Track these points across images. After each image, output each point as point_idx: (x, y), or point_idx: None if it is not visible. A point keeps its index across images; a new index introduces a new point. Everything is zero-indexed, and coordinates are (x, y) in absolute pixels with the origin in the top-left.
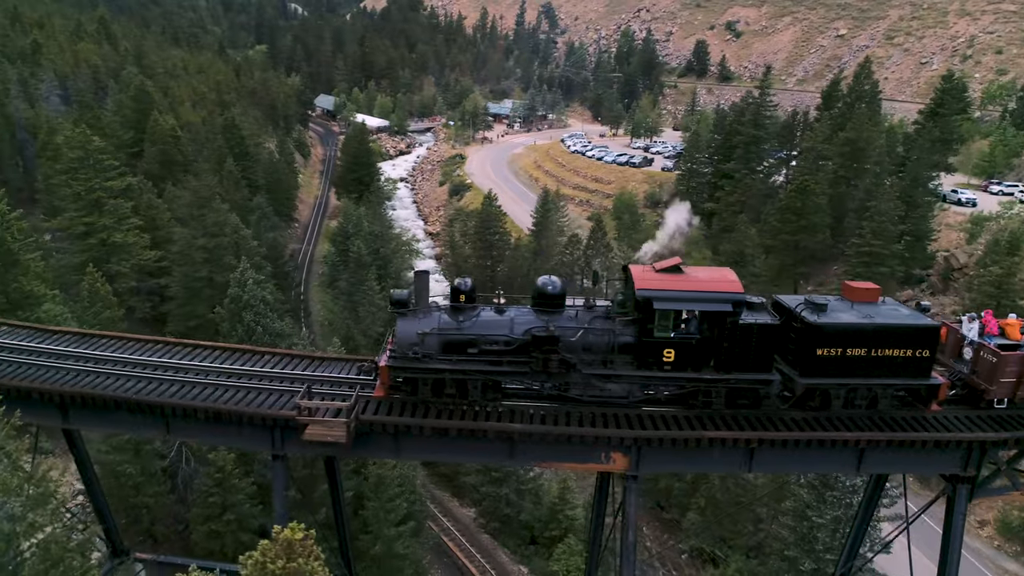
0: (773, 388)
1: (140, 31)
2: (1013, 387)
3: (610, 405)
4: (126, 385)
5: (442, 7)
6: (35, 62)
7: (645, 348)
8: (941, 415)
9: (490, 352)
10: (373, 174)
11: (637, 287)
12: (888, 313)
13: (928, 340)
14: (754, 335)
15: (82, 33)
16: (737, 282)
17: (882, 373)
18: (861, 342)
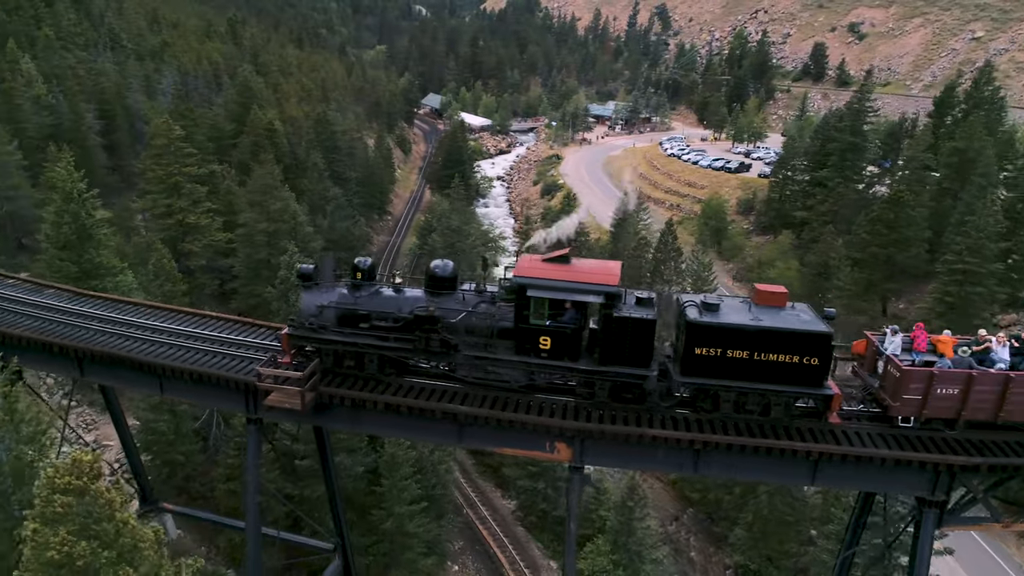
0: (650, 383)
1: (267, 31)
2: (918, 405)
3: (502, 389)
4: (129, 345)
5: (557, 9)
6: (161, 59)
7: (522, 334)
8: (913, 433)
9: (380, 328)
10: (466, 171)
11: (514, 274)
12: (781, 317)
13: (818, 348)
14: (629, 329)
15: (211, 33)
16: (616, 275)
17: (770, 379)
18: (743, 344)
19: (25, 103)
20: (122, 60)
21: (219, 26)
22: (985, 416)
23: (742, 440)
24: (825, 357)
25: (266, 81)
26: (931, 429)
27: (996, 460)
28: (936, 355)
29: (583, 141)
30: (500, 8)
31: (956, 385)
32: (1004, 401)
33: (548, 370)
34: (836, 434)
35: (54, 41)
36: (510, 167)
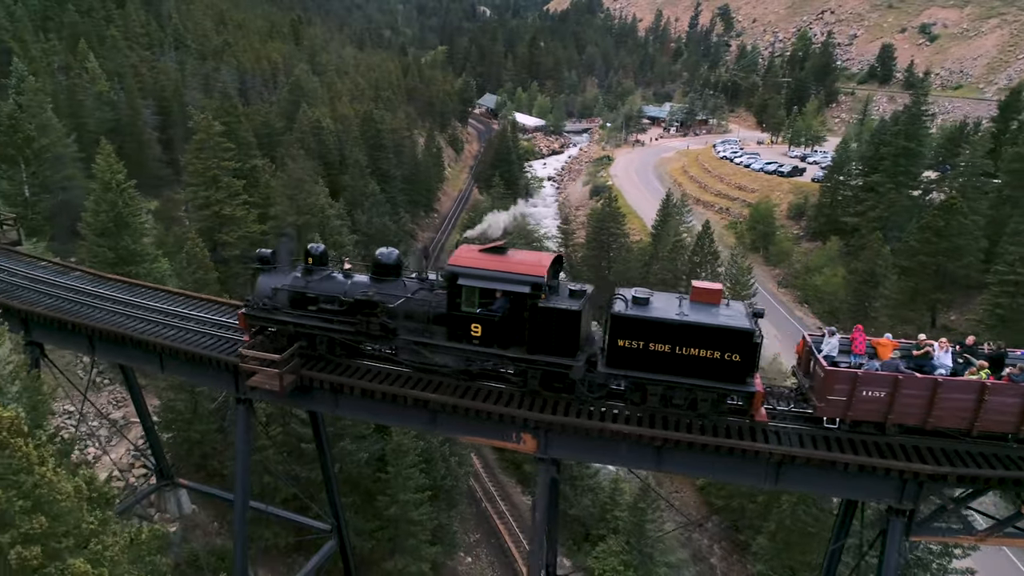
0: (575, 373)
1: (329, 32)
2: (843, 407)
3: (443, 375)
4: (134, 325)
5: (619, 10)
6: (221, 58)
7: (454, 321)
8: (883, 440)
9: (327, 311)
10: (514, 171)
11: (448, 263)
12: (706, 313)
13: (739, 345)
14: (553, 319)
15: (274, 33)
16: (544, 267)
17: (693, 373)
18: (664, 338)
19: (88, 99)
20: (184, 59)
21: (283, 27)
22: (915, 421)
23: (703, 439)
24: (747, 354)
25: (321, 80)
26: (861, 432)
27: (965, 471)
28: (876, 358)
29: (636, 143)
30: (563, 9)
31: (882, 388)
32: (933, 406)
33: (480, 357)
34: (803, 437)
35: (119, 41)
36: (561, 168)
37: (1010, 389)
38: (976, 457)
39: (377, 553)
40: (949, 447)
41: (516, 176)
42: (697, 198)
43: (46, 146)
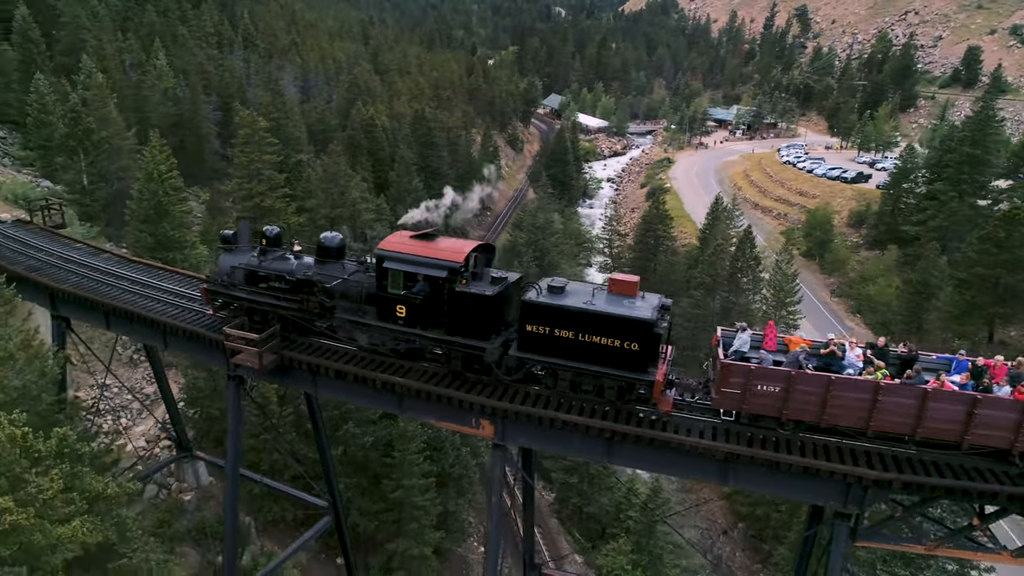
0: (490, 355)
1: (398, 32)
2: (738, 399)
3: (376, 354)
4: (143, 303)
5: (694, 10)
6: (286, 57)
7: (382, 302)
8: (834, 443)
9: (276, 289)
10: (569, 171)
11: (377, 247)
12: (612, 303)
13: (638, 334)
14: (468, 303)
15: (343, 33)
16: (463, 253)
17: (596, 360)
18: (567, 324)
19: (155, 95)
20: (251, 58)
21: (352, 27)
22: (810, 418)
23: (649, 433)
24: (647, 343)
25: (383, 79)
26: (761, 427)
27: (911, 478)
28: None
29: (699, 145)
30: (637, 9)
31: (777, 383)
32: (827, 404)
33: (404, 336)
34: (752, 436)
35: (188, 40)
36: (622, 169)
37: (904, 390)
38: (928, 465)
39: (382, 534)
40: (902, 453)
41: (571, 177)
42: (756, 203)
43: (104, 138)
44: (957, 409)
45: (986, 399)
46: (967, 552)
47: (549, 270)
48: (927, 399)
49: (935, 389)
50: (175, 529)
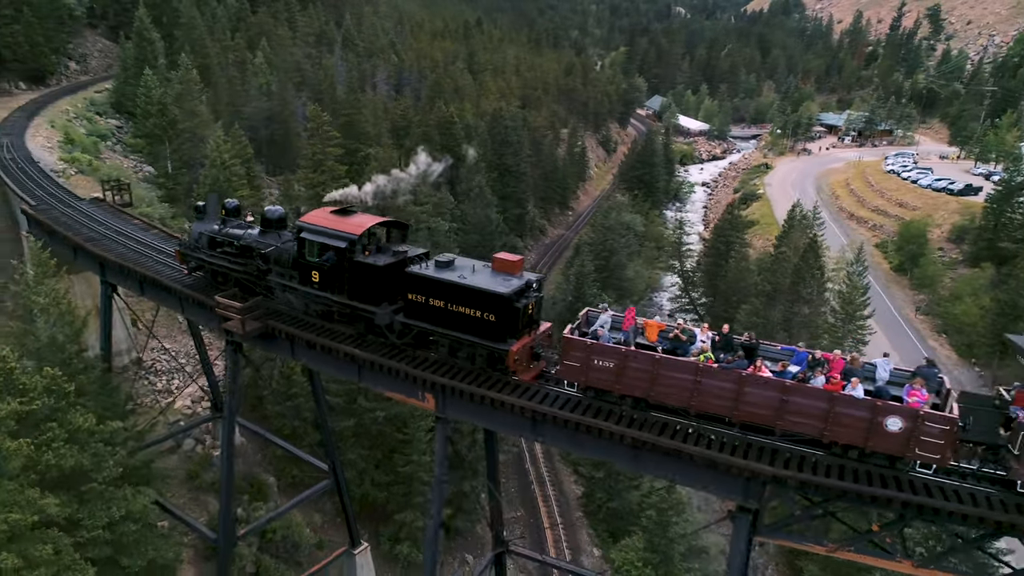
0: (379, 319)
1: (502, 32)
2: (578, 372)
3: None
4: (167, 272)
5: (819, 10)
6: (383, 57)
7: (302, 268)
8: (743, 438)
9: (228, 253)
10: (657, 174)
11: (299, 220)
12: (480, 277)
13: (495, 306)
14: (361, 272)
15: (446, 33)
16: (362, 226)
17: (463, 329)
18: (439, 295)
19: (251, 89)
20: (348, 56)
21: (457, 28)
22: (639, 394)
23: (565, 415)
24: (503, 315)
25: (476, 79)
26: (605, 400)
27: (806, 477)
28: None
29: (803, 151)
30: (760, 9)
31: (612, 359)
32: (655, 382)
33: (318, 299)
34: (665, 425)
35: (286, 39)
36: (718, 174)
37: (722, 374)
38: (834, 468)
39: (391, 505)
40: (811, 454)
41: (657, 179)
42: (851, 213)
43: (187, 128)
44: (770, 395)
45: (794, 386)
46: (868, 557)
47: (616, 270)
48: (743, 383)
49: (749, 374)
50: (202, 479)
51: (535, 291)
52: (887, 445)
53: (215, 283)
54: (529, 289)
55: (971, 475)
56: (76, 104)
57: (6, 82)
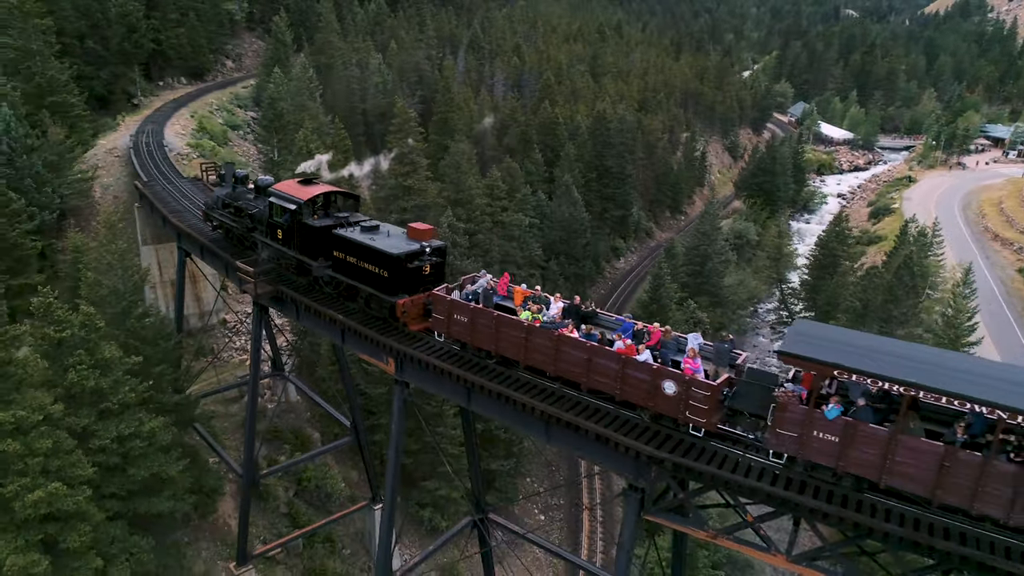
0: (315, 271)
1: (648, 35)
2: (443, 325)
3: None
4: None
5: (1006, 13)
6: (506, 59)
7: (270, 226)
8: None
9: (231, 214)
10: (777, 183)
11: (272, 187)
12: (385, 241)
13: (387, 264)
14: (305, 231)
15: (579, 36)
16: (309, 193)
17: (368, 282)
18: (353, 253)
19: (369, 88)
20: (470, 58)
21: (590, 31)
22: (487, 347)
23: (490, 384)
24: (395, 273)
25: (599, 81)
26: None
27: (680, 460)
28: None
29: (956, 165)
30: (936, 11)
31: (466, 315)
32: (498, 336)
33: (279, 254)
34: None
35: (407, 42)
36: (857, 186)
37: (542, 332)
38: (718, 456)
39: (418, 472)
40: (705, 444)
41: (779, 188)
42: (996, 233)
43: (292, 121)
44: (579, 355)
45: (595, 348)
46: (744, 547)
47: (711, 277)
48: (558, 342)
49: (561, 334)
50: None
51: (431, 256)
52: (667, 407)
53: (227, 239)
54: (424, 254)
55: (739, 442)
56: (222, 98)
57: (170, 77)
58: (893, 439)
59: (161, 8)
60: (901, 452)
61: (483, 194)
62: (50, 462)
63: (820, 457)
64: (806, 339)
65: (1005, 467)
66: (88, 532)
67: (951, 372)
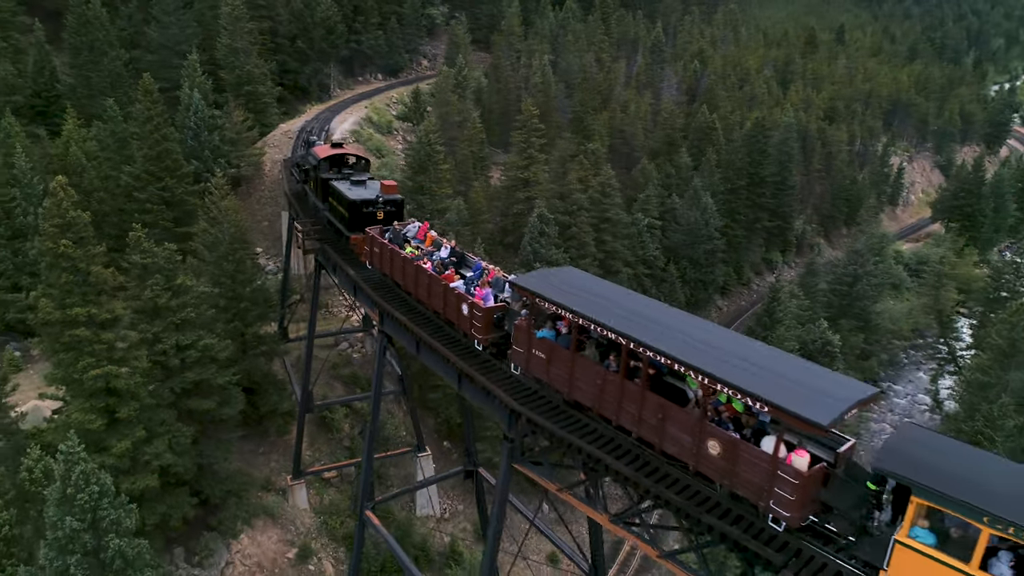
0: (320, 214)
1: (869, 40)
2: (367, 255)
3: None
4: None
5: None
6: (685, 63)
7: (312, 181)
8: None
9: (298, 171)
10: (984, 206)
11: (312, 148)
12: (355, 190)
13: (349, 208)
14: (318, 182)
15: (782, 41)
16: (326, 151)
17: (340, 221)
18: (333, 197)
19: (526, 87)
20: (642, 62)
21: (807, 35)
22: (387, 272)
23: (427, 339)
24: (353, 214)
25: (790, 87)
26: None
27: (531, 415)
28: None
29: None
30: None
31: (379, 248)
32: (392, 266)
33: (314, 204)
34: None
35: (571, 44)
36: None
37: (411, 263)
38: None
39: (444, 435)
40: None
41: (985, 212)
42: None
43: (441, 114)
44: (426, 281)
45: (432, 277)
46: (579, 503)
47: (859, 299)
48: (416, 271)
49: (418, 264)
50: (340, 370)
51: (384, 205)
52: (465, 327)
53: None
54: (377, 202)
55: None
56: (404, 93)
57: (368, 74)
58: (574, 359)
59: (364, 13)
60: (578, 370)
61: (579, 189)
62: (114, 352)
63: (537, 371)
64: (540, 278)
65: (631, 386)
66: (136, 408)
67: (624, 311)
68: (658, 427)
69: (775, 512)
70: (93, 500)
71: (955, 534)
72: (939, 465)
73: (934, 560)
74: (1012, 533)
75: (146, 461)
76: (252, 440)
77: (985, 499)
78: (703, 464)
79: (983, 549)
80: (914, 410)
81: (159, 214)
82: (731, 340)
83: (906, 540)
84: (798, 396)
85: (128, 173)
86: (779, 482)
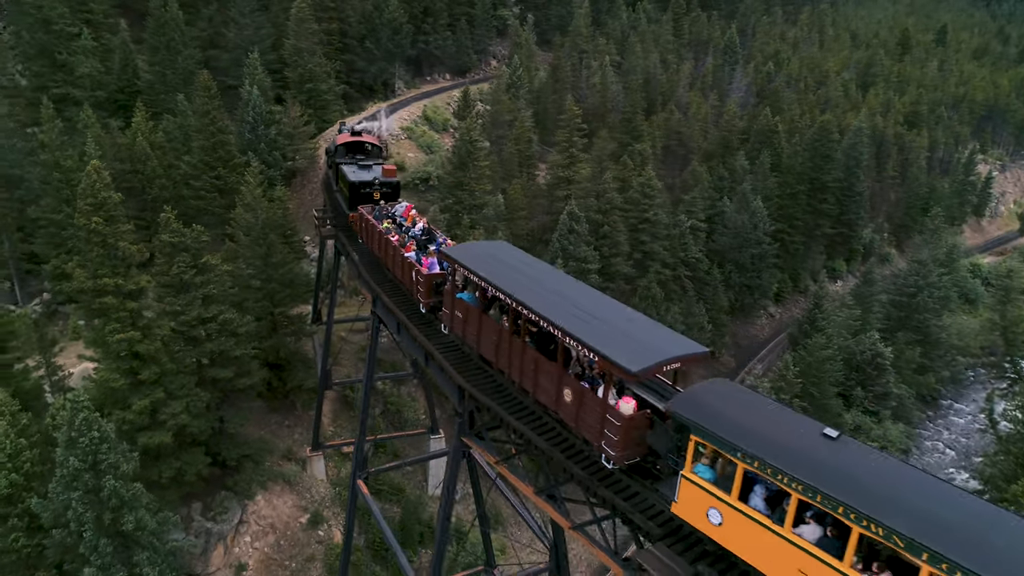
0: (336, 193)
1: (978, 41)
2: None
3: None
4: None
5: None
6: (757, 65)
7: (334, 169)
8: None
9: (329, 154)
10: None
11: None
12: (358, 172)
13: (349, 188)
14: (334, 165)
15: (872, 42)
16: (344, 139)
17: (344, 199)
18: (341, 179)
19: (585, 88)
20: (711, 64)
21: (900, 36)
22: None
23: (404, 319)
24: (352, 194)
25: (870, 91)
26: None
27: (474, 390)
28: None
29: None
30: None
31: (365, 224)
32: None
33: (332, 185)
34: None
35: (636, 45)
36: None
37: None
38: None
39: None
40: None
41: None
42: None
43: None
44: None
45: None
46: (514, 477)
47: (920, 311)
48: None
49: (382, 233)
50: (365, 354)
51: (380, 187)
52: (413, 293)
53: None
54: (374, 184)
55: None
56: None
57: (436, 73)
58: (480, 318)
59: (433, 14)
60: (484, 328)
61: (616, 188)
62: (139, 320)
63: (457, 329)
64: (464, 249)
65: (517, 341)
66: (157, 372)
67: (529, 280)
68: (533, 378)
69: (605, 452)
70: (94, 444)
71: (726, 470)
72: (719, 410)
73: (707, 492)
74: (757, 467)
75: (163, 420)
76: (280, 412)
77: (743, 438)
78: (562, 410)
79: (740, 482)
80: (972, 429)
81: (211, 200)
82: (614, 311)
83: (689, 475)
84: (623, 348)
85: (186, 162)
86: (608, 424)
